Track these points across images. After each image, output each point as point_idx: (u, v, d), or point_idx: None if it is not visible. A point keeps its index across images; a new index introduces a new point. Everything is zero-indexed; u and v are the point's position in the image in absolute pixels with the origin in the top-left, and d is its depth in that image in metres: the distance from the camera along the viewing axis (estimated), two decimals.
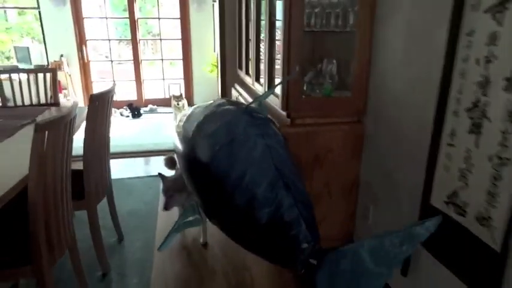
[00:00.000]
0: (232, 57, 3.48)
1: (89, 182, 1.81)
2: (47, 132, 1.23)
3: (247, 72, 2.93)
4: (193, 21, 6.08)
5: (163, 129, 5.19)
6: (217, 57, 6.03)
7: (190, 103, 6.03)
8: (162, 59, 6.56)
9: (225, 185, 1.25)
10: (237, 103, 2.01)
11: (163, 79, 6.54)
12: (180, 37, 6.28)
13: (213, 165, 1.32)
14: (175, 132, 2.04)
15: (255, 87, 2.59)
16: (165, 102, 6.20)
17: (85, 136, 1.74)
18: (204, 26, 6.11)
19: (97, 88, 6.22)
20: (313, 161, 2.02)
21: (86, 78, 6.06)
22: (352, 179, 2.12)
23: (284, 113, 1.96)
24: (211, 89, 6.26)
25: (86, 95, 6.05)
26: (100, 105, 1.77)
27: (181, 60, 6.37)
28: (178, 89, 6.36)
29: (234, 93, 3.27)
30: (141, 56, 6.31)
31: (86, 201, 1.84)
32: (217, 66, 6.15)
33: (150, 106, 6.26)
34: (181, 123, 2.01)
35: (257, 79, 2.57)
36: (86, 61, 5.96)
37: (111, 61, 6.37)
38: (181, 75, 6.46)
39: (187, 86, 6.45)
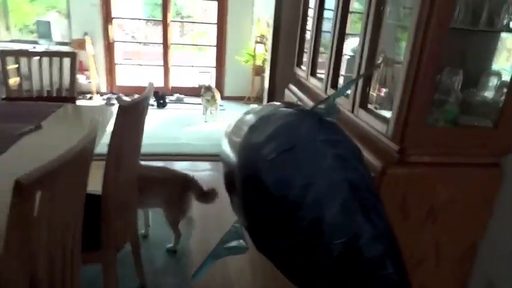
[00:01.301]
0: (286, 52, 2.85)
1: (109, 229, 1.24)
2: (39, 193, 0.66)
3: (313, 74, 2.30)
4: (231, 5, 5.45)
5: (192, 125, 4.62)
6: (255, 49, 5.42)
7: (221, 95, 5.45)
8: (196, 45, 5.96)
9: (283, 201, 1.04)
10: (298, 105, 1.50)
11: (193, 66, 5.95)
12: (214, 21, 5.66)
13: (267, 176, 1.10)
14: (225, 137, 1.61)
15: (328, 94, 1.97)
16: (192, 92, 5.62)
17: (106, 170, 1.16)
18: (243, 11, 5.48)
19: (121, 71, 5.69)
20: (426, 214, 1.41)
21: (111, 59, 5.52)
22: (470, 243, 1.51)
23: (393, 146, 1.34)
24: (244, 81, 5.68)
25: (109, 78, 5.53)
26: (128, 120, 1.17)
27: (214, 47, 5.76)
28: (209, 78, 5.78)
29: (289, 95, 2.65)
30: (171, 40, 5.73)
31: (102, 253, 1.27)
32: (253, 57, 5.54)
33: (176, 95, 5.70)
34: (230, 129, 1.60)
35: (333, 85, 1.94)
36: (110, 41, 5.41)
37: (139, 43, 5.82)
38: (212, 63, 5.86)
39: (218, 75, 5.86)
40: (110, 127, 1.64)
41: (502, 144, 1.36)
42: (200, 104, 4.93)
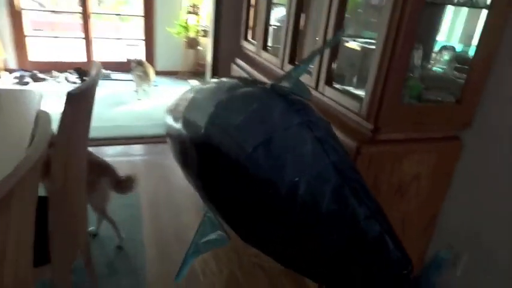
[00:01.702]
0: (230, 24, 2.68)
1: (57, 241, 1.04)
2: None
3: (264, 48, 2.18)
4: None
5: (124, 103, 4.24)
6: (187, 20, 5.08)
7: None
8: (120, 14, 5.42)
9: (272, 199, 1.01)
10: (254, 82, 1.39)
11: (119, 39, 5.43)
12: None
13: (254, 171, 1.03)
14: (174, 117, 1.50)
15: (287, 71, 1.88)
16: (120, 67, 5.15)
17: (53, 173, 0.94)
18: None
19: (34, 45, 4.98)
20: (395, 189, 1.43)
21: (19, 31, 4.78)
22: (432, 214, 1.58)
23: (368, 125, 1.31)
24: (177, 54, 5.34)
25: (19, 52, 4.81)
26: (78, 110, 0.96)
27: (142, 18, 5.29)
28: (138, 52, 5.33)
29: (237, 70, 2.51)
30: (91, 8, 5.12)
31: (52, 267, 1.07)
32: (186, 28, 5.20)
33: (102, 71, 5.17)
34: (179, 108, 1.50)
35: (291, 60, 1.85)
36: (17, 9, 4.67)
37: (53, 11, 5.11)
38: (140, 35, 5.39)
39: (148, 48, 5.43)
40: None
41: (464, 119, 1.40)
42: (131, 80, 4.54)
